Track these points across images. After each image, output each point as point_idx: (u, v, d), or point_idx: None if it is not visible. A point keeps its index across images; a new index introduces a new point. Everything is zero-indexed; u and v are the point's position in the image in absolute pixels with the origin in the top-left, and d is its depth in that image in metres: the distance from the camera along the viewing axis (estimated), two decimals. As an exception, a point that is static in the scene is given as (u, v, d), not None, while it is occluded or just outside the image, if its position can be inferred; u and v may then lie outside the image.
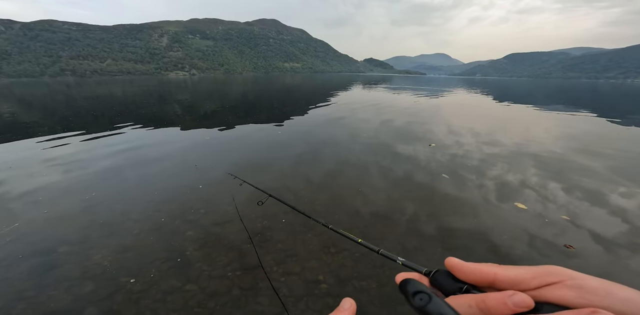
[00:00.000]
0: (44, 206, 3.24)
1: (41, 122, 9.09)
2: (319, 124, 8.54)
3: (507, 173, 4.45)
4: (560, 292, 0.24)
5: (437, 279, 0.31)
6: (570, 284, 0.24)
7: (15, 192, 3.61)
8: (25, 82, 72.31)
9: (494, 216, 3.12)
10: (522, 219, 3.05)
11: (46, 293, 1.94)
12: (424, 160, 5.08)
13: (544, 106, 14.56)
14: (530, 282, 0.26)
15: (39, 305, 1.83)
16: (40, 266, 2.22)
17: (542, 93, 26.53)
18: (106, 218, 2.99)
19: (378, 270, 2.27)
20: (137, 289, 1.99)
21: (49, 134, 6.98)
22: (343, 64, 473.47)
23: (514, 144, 6.34)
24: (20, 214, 3.05)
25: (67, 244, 2.53)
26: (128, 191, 3.67)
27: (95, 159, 5.00)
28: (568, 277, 0.24)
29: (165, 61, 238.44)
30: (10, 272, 2.14)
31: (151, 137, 6.88)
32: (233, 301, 1.96)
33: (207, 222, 2.92)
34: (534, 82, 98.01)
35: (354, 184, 3.95)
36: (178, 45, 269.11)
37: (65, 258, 2.32)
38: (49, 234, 2.69)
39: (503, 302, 0.25)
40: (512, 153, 5.57)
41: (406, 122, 9.00)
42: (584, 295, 0.23)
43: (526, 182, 4.10)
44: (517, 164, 4.88)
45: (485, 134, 7.36)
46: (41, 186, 3.79)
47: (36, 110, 12.46)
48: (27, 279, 2.07)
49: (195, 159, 5.02)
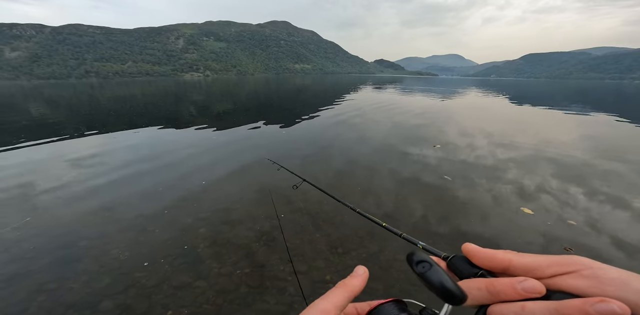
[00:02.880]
0: (65, 201, 3.35)
1: (66, 122, 9.45)
2: (326, 125, 8.49)
3: (514, 175, 4.28)
4: (573, 281, 0.24)
5: (454, 263, 0.32)
6: (586, 274, 0.23)
7: (40, 188, 3.76)
8: (53, 83, 75.53)
9: (498, 220, 3.01)
10: (526, 224, 2.92)
11: (66, 286, 1.99)
12: (428, 162, 4.95)
13: (563, 108, 13.76)
14: (545, 270, 0.25)
15: (59, 298, 1.89)
16: (62, 259, 2.29)
17: (562, 94, 25.45)
18: (123, 214, 3.05)
19: (386, 272, 2.22)
20: (150, 284, 2.02)
21: (73, 133, 7.24)
22: (353, 65, 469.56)
23: (527, 146, 6.09)
24: (43, 209, 3.17)
25: (87, 238, 2.60)
26: (144, 189, 3.75)
27: (115, 157, 5.14)
28: (586, 266, 0.24)
29: (181, 63, 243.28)
30: (34, 265, 2.21)
31: (166, 136, 7.03)
32: (241, 298, 1.96)
33: (218, 221, 2.94)
34: (553, 83, 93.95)
35: (359, 184, 3.90)
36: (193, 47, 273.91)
37: (85, 252, 2.39)
38: (70, 228, 2.78)
39: (512, 287, 0.25)
40: (522, 156, 5.36)
41: (414, 124, 8.83)
42: (598, 285, 0.22)
43: (534, 185, 3.93)
44: (526, 167, 4.69)
45: (497, 135, 7.11)
46: (63, 183, 3.93)
47: (62, 110, 12.97)
48: (49, 271, 2.14)
49: (206, 158, 5.08)
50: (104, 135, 7.03)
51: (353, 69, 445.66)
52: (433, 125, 8.40)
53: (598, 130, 7.91)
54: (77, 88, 37.17)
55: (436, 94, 22.27)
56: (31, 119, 10.05)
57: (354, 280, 0.31)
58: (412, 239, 0.46)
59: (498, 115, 11.03)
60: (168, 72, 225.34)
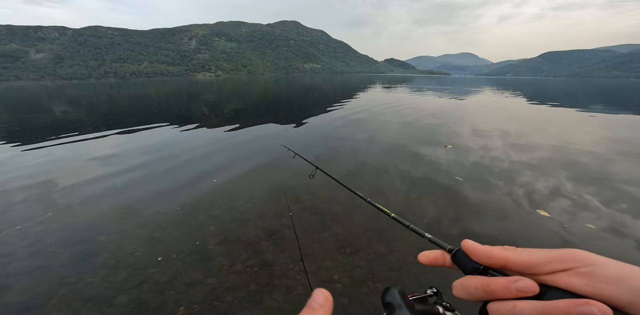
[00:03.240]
0: (85, 197, 3.47)
1: (87, 120, 9.81)
2: (336, 125, 8.44)
3: (530, 177, 4.12)
4: (570, 279, 0.23)
5: (457, 257, 0.32)
6: (583, 271, 0.23)
7: (61, 184, 3.91)
8: (75, 83, 78.60)
9: (512, 221, 2.90)
10: (543, 226, 2.81)
11: (85, 280, 2.06)
12: (439, 162, 4.83)
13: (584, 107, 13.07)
14: (543, 267, 0.25)
15: (78, 291, 1.95)
16: (81, 254, 2.37)
17: (584, 93, 24.30)
18: (139, 210, 3.13)
19: (394, 273, 2.19)
20: (163, 280, 2.07)
21: (93, 131, 7.50)
22: (363, 64, 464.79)
23: (544, 147, 5.86)
24: (64, 204, 3.29)
25: (105, 233, 2.68)
26: (159, 186, 3.83)
27: (131, 156, 5.29)
28: (584, 263, 0.23)
29: (194, 63, 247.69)
30: (55, 258, 2.30)
31: (179, 134, 7.17)
32: (250, 296, 1.97)
33: (229, 218, 2.97)
34: (574, 81, 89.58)
35: (368, 183, 3.85)
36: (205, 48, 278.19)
37: (103, 247, 2.46)
38: (89, 223, 2.87)
39: (506, 287, 0.25)
40: (538, 157, 5.15)
41: (425, 123, 8.64)
42: (593, 283, 0.22)
43: (551, 188, 3.76)
44: (543, 169, 4.50)
45: (512, 136, 6.87)
46: (83, 179, 4.07)
47: (84, 110, 13.47)
48: (69, 265, 2.22)
49: (217, 156, 5.15)
50: (121, 134, 7.25)
51: (362, 68, 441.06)
52: (445, 125, 8.20)
53: (621, 132, 7.50)
54: (96, 88, 38.56)
55: (448, 93, 21.73)
56: (55, 118, 10.50)
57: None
58: (419, 230, 0.45)
59: (514, 115, 10.63)
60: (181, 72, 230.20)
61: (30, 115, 11.24)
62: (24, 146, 6.03)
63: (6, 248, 2.44)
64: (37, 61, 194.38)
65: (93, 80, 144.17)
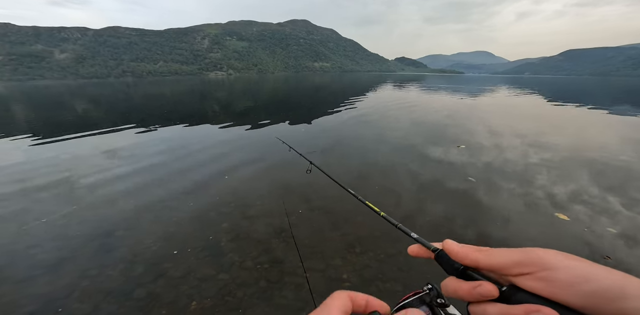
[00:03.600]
0: (104, 192, 3.59)
1: (105, 118, 10.15)
2: (346, 124, 8.37)
3: (548, 179, 3.96)
4: (531, 283, 0.25)
5: (440, 257, 0.33)
6: (540, 276, 0.24)
7: (83, 178, 4.06)
8: (95, 82, 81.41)
9: (529, 224, 2.79)
10: (561, 230, 2.69)
11: (106, 273, 2.13)
12: (451, 163, 4.71)
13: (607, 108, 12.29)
14: (508, 270, 0.26)
15: (99, 284, 2.02)
16: (102, 247, 2.46)
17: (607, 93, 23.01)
18: (155, 206, 3.21)
19: (404, 273, 2.16)
20: (177, 275, 2.11)
21: (112, 128, 7.75)
22: (373, 63, 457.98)
23: (563, 148, 5.61)
24: (86, 198, 3.42)
25: (123, 228, 2.77)
26: (173, 181, 3.92)
27: (147, 153, 5.43)
28: (541, 267, 0.24)
29: (207, 62, 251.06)
30: (78, 251, 2.40)
31: (192, 132, 7.31)
32: (260, 292, 1.99)
33: (239, 215, 3.00)
34: (597, 80, 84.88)
35: (378, 183, 3.81)
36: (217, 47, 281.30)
37: (122, 241, 2.55)
38: (109, 217, 2.98)
39: (470, 292, 0.27)
40: (557, 158, 4.94)
41: (436, 123, 8.45)
42: (549, 288, 0.24)
43: (570, 190, 3.60)
44: (561, 171, 4.31)
45: (529, 136, 6.62)
46: (103, 175, 4.21)
47: (103, 108, 13.95)
48: (91, 258, 2.31)
49: (228, 154, 5.22)
50: (138, 132, 7.45)
51: (373, 67, 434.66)
52: (457, 124, 7.99)
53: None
54: (115, 87, 39.79)
55: (462, 92, 21.09)
56: (77, 115, 10.92)
57: None
58: (406, 229, 0.46)
59: (531, 115, 10.21)
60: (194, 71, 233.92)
61: (55, 113, 11.73)
62: (48, 142, 6.30)
63: (33, 240, 2.56)
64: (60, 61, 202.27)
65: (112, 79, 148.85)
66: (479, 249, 0.29)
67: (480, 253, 0.29)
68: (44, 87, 44.98)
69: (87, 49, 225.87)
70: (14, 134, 7.12)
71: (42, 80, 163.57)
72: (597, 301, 0.21)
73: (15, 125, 8.83)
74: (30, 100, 19.18)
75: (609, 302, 0.21)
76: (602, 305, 0.21)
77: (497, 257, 0.27)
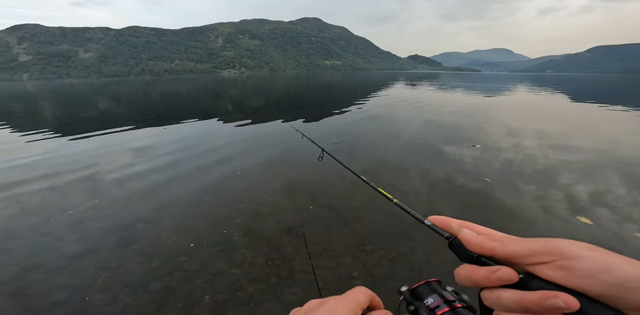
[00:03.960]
0: (125, 186, 3.71)
1: (126, 114, 10.50)
2: (357, 122, 8.26)
3: (570, 180, 3.75)
4: (549, 272, 0.25)
5: (453, 245, 0.33)
6: (559, 264, 0.24)
7: (106, 173, 4.21)
8: (117, 80, 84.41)
9: (549, 227, 2.66)
10: (584, 234, 2.54)
11: (125, 265, 2.20)
12: (466, 162, 4.55)
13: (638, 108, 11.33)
14: (525, 259, 0.26)
15: (119, 276, 2.09)
16: (122, 240, 2.54)
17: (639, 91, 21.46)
18: (173, 201, 3.28)
19: (415, 273, 2.11)
20: (192, 269, 2.16)
21: (131, 124, 8.00)
22: (385, 61, 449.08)
23: (586, 149, 5.30)
24: (108, 192, 3.55)
25: (143, 221, 2.85)
26: (190, 176, 4.00)
27: (165, 149, 5.57)
28: (561, 256, 0.24)
29: (220, 60, 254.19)
30: (101, 243, 2.49)
31: (206, 129, 7.44)
32: (271, 288, 2.00)
33: (252, 212, 3.02)
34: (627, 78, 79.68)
35: (390, 182, 3.74)
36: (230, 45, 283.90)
37: (141, 234, 2.62)
38: (129, 211, 3.07)
39: (487, 277, 0.27)
40: (579, 160, 4.67)
41: (450, 122, 8.19)
42: (568, 277, 0.23)
43: (594, 193, 3.40)
44: (583, 172, 4.07)
45: (549, 137, 6.30)
46: (124, 170, 4.35)
47: (124, 105, 14.44)
48: (112, 250, 2.39)
49: (241, 151, 5.27)
50: (157, 129, 7.66)
51: (385, 65, 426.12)
52: (472, 124, 7.70)
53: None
54: (135, 85, 41.12)
55: (477, 90, 20.28)
56: (99, 112, 11.37)
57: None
58: (419, 216, 0.45)
59: (551, 115, 9.66)
60: (208, 69, 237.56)
61: (80, 110, 12.26)
62: (74, 137, 6.58)
63: (60, 232, 2.68)
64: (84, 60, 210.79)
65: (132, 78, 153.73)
66: (494, 239, 0.29)
67: (497, 242, 0.29)
68: (70, 86, 47.08)
69: (109, 48, 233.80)
70: (42, 130, 7.50)
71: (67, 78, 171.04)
72: (618, 291, 0.22)
73: (44, 121, 9.30)
74: (57, 98, 20.14)
75: (631, 291, 0.21)
76: (623, 295, 0.21)
77: (514, 246, 0.27)
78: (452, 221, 0.35)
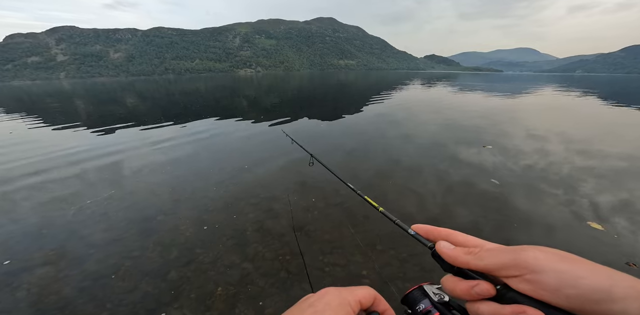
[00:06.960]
0: (147, 180, 3.81)
1: (150, 111, 10.84)
2: (369, 122, 8.10)
3: (583, 186, 3.49)
4: (520, 285, 0.25)
5: (436, 255, 0.32)
6: (527, 278, 0.24)
7: (126, 166, 4.36)
8: (143, 79, 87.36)
9: (557, 232, 2.49)
10: (593, 240, 2.37)
11: (146, 255, 2.26)
12: (477, 163, 4.35)
13: None
14: (498, 272, 0.26)
15: (140, 265, 2.14)
16: (145, 231, 2.61)
17: None
18: (191, 194, 3.35)
19: (426, 274, 2.04)
20: (207, 261, 2.18)
21: (154, 121, 8.23)
22: (400, 61, 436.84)
23: (609, 155, 4.92)
24: (130, 185, 3.67)
25: (163, 213, 2.92)
26: (208, 171, 4.06)
27: (183, 143, 5.69)
28: (528, 270, 0.24)
29: (237, 60, 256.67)
30: (127, 233, 2.57)
31: (223, 127, 7.53)
32: (280, 283, 1.99)
33: (265, 207, 3.02)
34: None
35: (399, 184, 3.63)
36: (247, 45, 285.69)
37: (161, 226, 2.68)
38: (152, 203, 3.15)
39: (468, 292, 0.27)
40: (602, 165, 4.34)
41: (465, 124, 7.84)
42: (536, 290, 0.24)
43: (608, 198, 3.14)
44: (603, 177, 3.78)
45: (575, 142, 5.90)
46: (144, 163, 4.49)
47: (148, 102, 14.92)
48: (135, 240, 2.46)
49: (256, 149, 5.30)
50: (176, 125, 7.85)
51: (400, 65, 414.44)
52: (490, 126, 7.33)
53: None
54: (159, 83, 42.39)
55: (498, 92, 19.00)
56: (127, 109, 11.80)
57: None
58: (404, 226, 0.44)
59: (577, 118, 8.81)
60: (226, 68, 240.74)
61: (109, 107, 12.79)
62: (100, 132, 6.87)
63: (87, 222, 2.78)
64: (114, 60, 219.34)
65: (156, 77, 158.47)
66: (469, 252, 0.29)
67: (471, 256, 0.28)
68: (101, 84, 49.24)
69: (136, 48, 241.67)
70: (73, 124, 7.89)
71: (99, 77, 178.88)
72: (584, 303, 0.21)
73: (76, 116, 9.78)
74: (89, 95, 21.13)
75: (596, 304, 0.21)
76: (589, 307, 0.21)
77: (486, 260, 0.27)
78: (435, 230, 0.35)
